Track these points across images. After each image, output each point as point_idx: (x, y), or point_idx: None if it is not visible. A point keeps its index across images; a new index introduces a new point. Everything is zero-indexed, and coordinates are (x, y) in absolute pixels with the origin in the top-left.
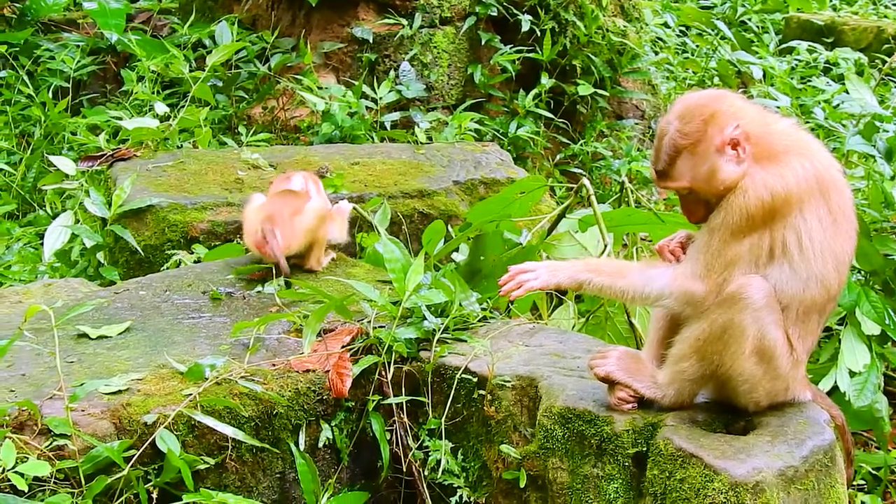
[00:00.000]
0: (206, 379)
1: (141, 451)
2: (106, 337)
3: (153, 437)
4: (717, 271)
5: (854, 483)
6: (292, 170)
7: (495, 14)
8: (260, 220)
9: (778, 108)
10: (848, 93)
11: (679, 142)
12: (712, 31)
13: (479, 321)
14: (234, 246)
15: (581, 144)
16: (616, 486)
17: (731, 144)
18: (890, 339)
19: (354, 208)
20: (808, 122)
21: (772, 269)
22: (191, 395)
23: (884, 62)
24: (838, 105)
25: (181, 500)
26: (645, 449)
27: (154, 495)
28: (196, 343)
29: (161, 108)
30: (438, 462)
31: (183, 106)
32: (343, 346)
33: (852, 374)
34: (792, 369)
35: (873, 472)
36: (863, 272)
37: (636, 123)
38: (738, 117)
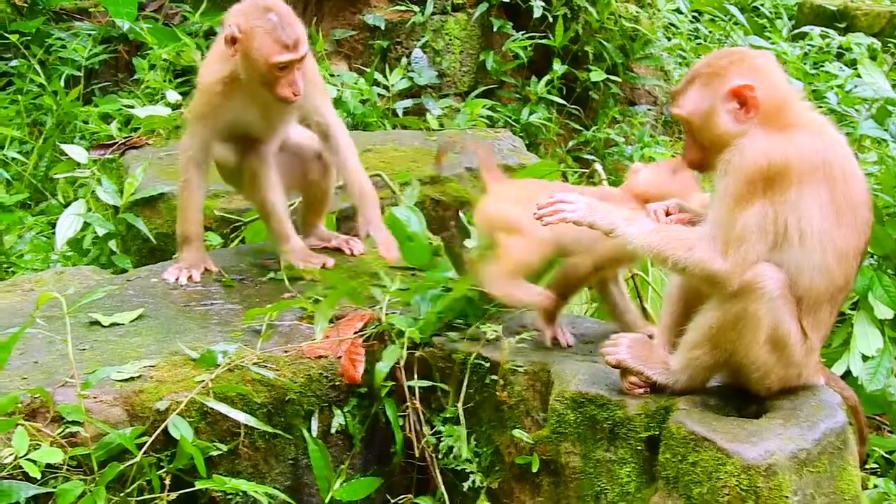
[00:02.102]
0: (219, 365)
1: (153, 437)
2: (118, 324)
3: (165, 423)
4: (734, 246)
5: (867, 467)
6: None
7: (507, 0)
8: None
9: None
10: (861, 77)
11: (700, 69)
12: (725, 16)
13: (491, 306)
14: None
15: (593, 131)
16: (629, 469)
17: (737, 97)
18: None
19: (381, 177)
20: (820, 107)
21: (782, 257)
22: (203, 381)
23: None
24: (851, 90)
25: (194, 486)
26: (657, 433)
27: (167, 482)
28: (208, 330)
29: (173, 96)
30: (450, 447)
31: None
32: (355, 332)
33: (865, 358)
34: (805, 357)
35: (886, 455)
36: (875, 257)
37: (649, 109)
38: (762, 78)
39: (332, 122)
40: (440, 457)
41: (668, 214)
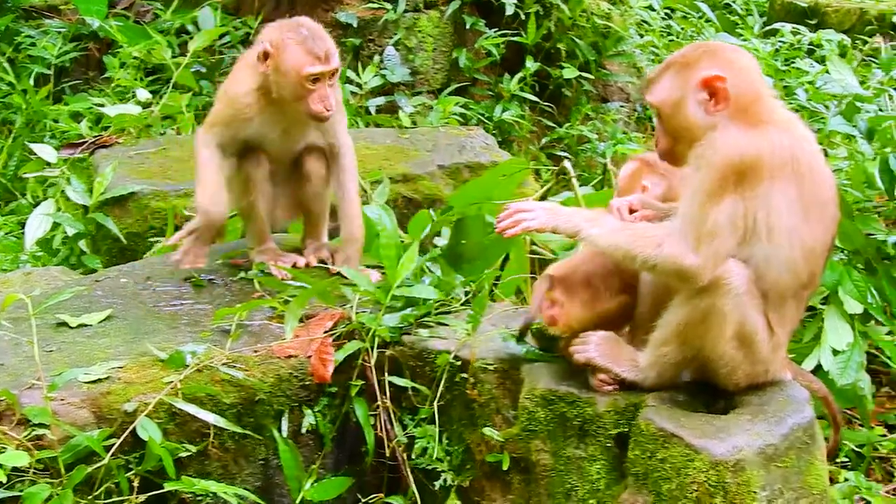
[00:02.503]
0: (187, 366)
1: (121, 439)
2: (86, 325)
3: (134, 425)
4: (706, 241)
5: (837, 460)
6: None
7: None
8: None
9: None
10: (829, 74)
11: (675, 58)
12: (697, 13)
13: (461, 305)
14: None
15: (566, 128)
16: (598, 466)
17: (707, 88)
18: (872, 317)
19: None
20: (791, 104)
21: (750, 252)
22: (171, 382)
23: (865, 43)
24: (821, 86)
25: (163, 488)
26: (627, 429)
27: (135, 484)
28: (177, 330)
29: (143, 94)
30: (423, 448)
31: (166, 92)
32: (325, 332)
33: (835, 352)
34: (772, 353)
35: (856, 449)
36: (845, 252)
37: (621, 106)
38: (734, 71)
39: (344, 143)
40: (411, 456)
41: (631, 212)
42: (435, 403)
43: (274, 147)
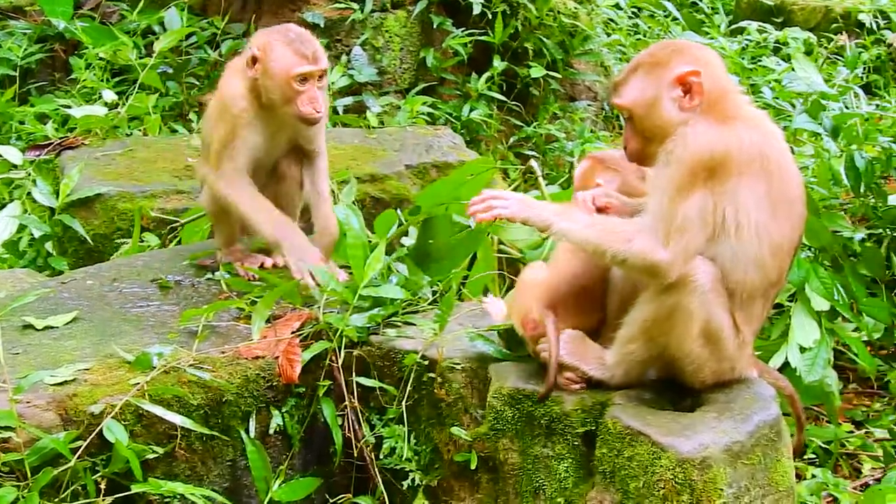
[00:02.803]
0: (154, 368)
1: (88, 441)
2: (52, 327)
3: (100, 427)
4: (676, 237)
5: (805, 457)
6: None
7: None
8: None
9: None
10: (795, 72)
11: (642, 59)
12: (663, 12)
13: (429, 304)
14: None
15: (534, 127)
16: (566, 465)
17: (683, 85)
18: (839, 314)
19: None
20: (757, 102)
21: (718, 248)
22: (138, 384)
23: (831, 41)
24: (786, 84)
25: (130, 490)
26: (594, 428)
27: (102, 486)
28: (144, 332)
29: (109, 95)
30: (392, 448)
31: (132, 93)
32: (293, 332)
33: (803, 349)
34: (738, 350)
35: (823, 445)
36: (812, 249)
37: (589, 105)
38: (705, 67)
39: (322, 150)
40: (380, 456)
41: (595, 203)
42: (403, 403)
43: (259, 152)
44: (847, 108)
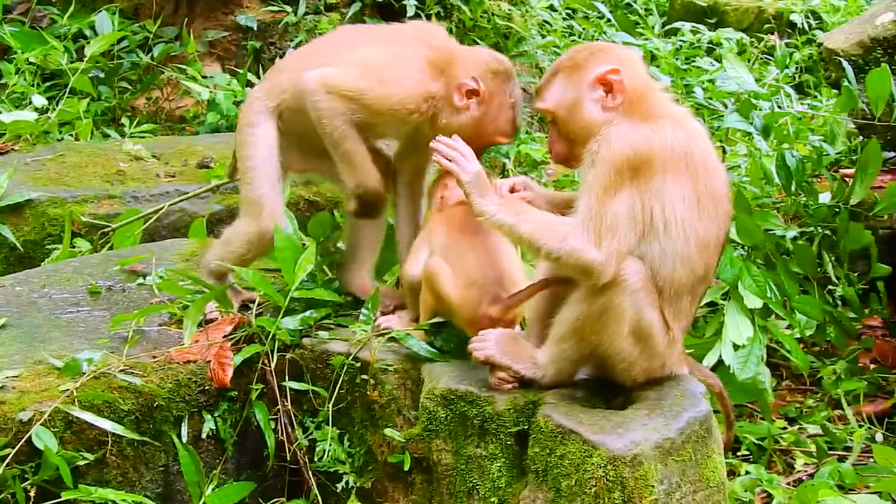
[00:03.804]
0: (84, 373)
1: (16, 449)
2: None
3: (29, 434)
4: (607, 237)
5: (739, 453)
6: None
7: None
8: None
9: None
10: (726, 72)
11: (562, 62)
12: (597, 13)
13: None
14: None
15: None
16: (499, 464)
17: (603, 84)
18: (772, 312)
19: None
20: (689, 102)
21: (647, 247)
22: (67, 390)
23: (762, 41)
24: (718, 84)
25: (60, 497)
26: (526, 427)
27: (31, 494)
28: (74, 338)
29: (39, 100)
30: (325, 451)
31: (63, 98)
32: (225, 336)
33: (736, 347)
34: (668, 348)
35: (757, 442)
36: (744, 247)
37: (524, 106)
38: (625, 66)
39: None
40: (313, 458)
41: (512, 191)
42: (330, 405)
43: None
44: (779, 107)
